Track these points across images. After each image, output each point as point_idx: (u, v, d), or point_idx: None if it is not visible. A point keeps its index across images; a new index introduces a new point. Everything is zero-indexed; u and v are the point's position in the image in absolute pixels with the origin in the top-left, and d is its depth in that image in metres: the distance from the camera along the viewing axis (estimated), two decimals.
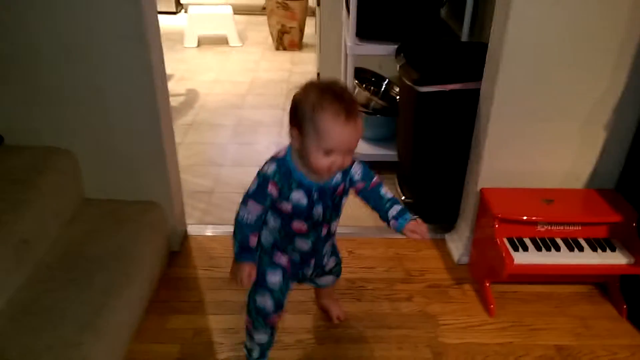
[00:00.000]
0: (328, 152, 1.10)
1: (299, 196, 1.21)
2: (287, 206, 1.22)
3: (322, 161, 1.11)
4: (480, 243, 1.78)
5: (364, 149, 2.49)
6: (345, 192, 1.30)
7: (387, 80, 2.64)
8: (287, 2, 4.33)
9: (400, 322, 1.64)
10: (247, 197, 1.23)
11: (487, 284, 1.71)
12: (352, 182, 1.29)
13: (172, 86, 3.47)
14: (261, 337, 1.37)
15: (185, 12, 4.62)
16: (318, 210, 1.24)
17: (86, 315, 1.34)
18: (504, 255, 1.56)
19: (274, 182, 1.19)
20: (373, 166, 1.37)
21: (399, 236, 2.03)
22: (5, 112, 1.67)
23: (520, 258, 1.57)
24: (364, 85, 2.51)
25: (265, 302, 1.31)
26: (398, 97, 2.34)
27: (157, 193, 1.83)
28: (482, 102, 1.72)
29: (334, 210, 1.29)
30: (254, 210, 1.22)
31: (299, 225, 1.26)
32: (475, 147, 1.79)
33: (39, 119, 1.68)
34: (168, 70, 1.88)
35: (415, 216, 1.30)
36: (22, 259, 1.43)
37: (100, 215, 1.74)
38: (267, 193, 1.20)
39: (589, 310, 1.71)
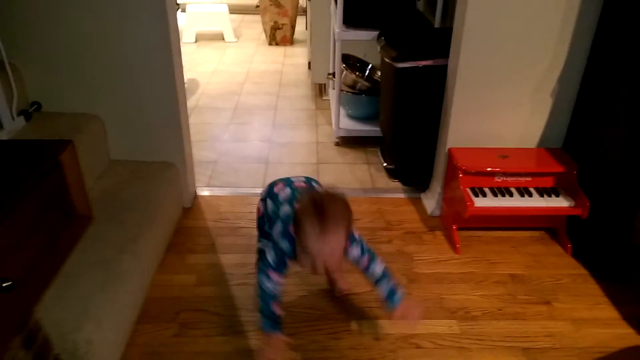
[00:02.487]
0: (309, 256, 1.23)
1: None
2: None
3: (305, 262, 1.27)
4: (449, 195, 2.10)
5: (351, 125, 2.81)
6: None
7: (370, 65, 2.96)
8: (279, 0, 4.65)
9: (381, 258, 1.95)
10: (268, 267, 1.35)
11: (454, 228, 2.03)
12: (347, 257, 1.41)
13: None
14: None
15: (183, 11, 4.92)
16: None
17: (124, 242, 1.64)
18: (466, 200, 1.88)
19: (289, 259, 1.35)
20: (359, 141, 1.64)
21: (382, 195, 2.39)
22: (42, 82, 1.96)
23: (480, 202, 1.89)
24: (350, 69, 2.83)
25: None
26: (380, 79, 2.66)
27: (173, 155, 2.13)
28: (449, 75, 2.05)
29: None
30: (277, 279, 1.35)
31: None
32: (444, 114, 2.11)
33: (71, 88, 1.98)
34: None
35: (403, 292, 1.45)
36: None
37: (126, 172, 2.04)
38: (286, 263, 1.35)
39: (540, 249, 2.03)
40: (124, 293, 1.53)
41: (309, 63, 3.43)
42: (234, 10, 5.34)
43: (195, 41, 4.80)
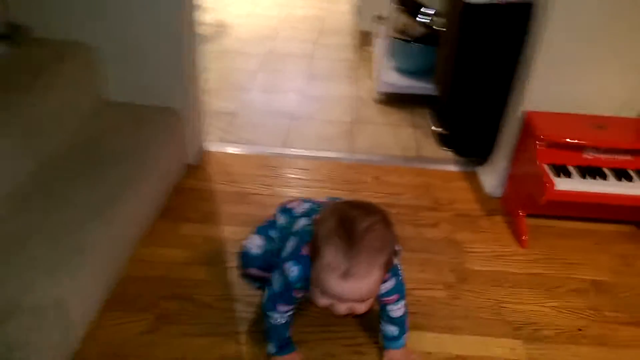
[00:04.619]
0: (325, 295, 0.92)
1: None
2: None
3: (320, 300, 0.93)
4: (518, 171, 1.64)
5: (398, 80, 2.35)
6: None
7: (432, 11, 2.45)
8: None
9: (424, 246, 1.53)
10: (274, 297, 1.06)
11: (521, 214, 1.58)
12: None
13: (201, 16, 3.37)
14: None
15: None
16: None
17: (98, 203, 1.28)
18: (544, 179, 1.42)
19: (297, 290, 1.02)
20: (405, 100, 1.22)
21: (429, 166, 1.94)
22: (35, 4, 1.59)
23: (563, 184, 1.43)
24: (405, 12, 2.34)
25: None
26: (441, 26, 2.16)
27: (175, 99, 1.74)
28: (536, 15, 1.55)
29: None
30: (285, 310, 1.08)
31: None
32: (522, 68, 1.63)
33: (65, 11, 1.59)
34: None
35: (407, 336, 1.16)
36: (31, 145, 1.37)
37: (119, 115, 1.67)
38: (294, 297, 1.04)
39: (631, 249, 1.57)
40: (86, 274, 1.16)
41: (355, 6, 2.96)
42: None
43: None
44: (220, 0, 3.77)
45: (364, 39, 3.03)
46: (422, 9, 2.43)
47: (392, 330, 1.14)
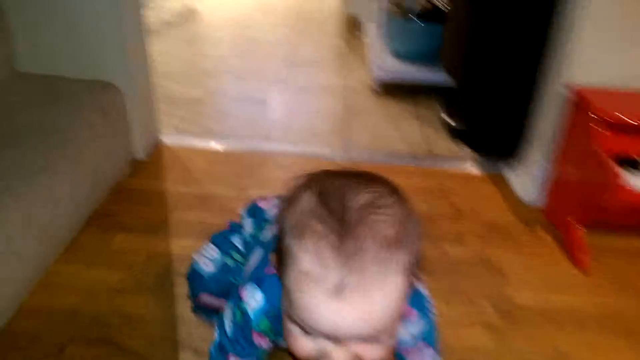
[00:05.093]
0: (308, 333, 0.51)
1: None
2: None
3: (300, 345, 0.52)
4: (568, 168, 1.25)
5: (398, 66, 1.96)
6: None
7: None
8: None
9: (449, 268, 1.13)
10: (225, 343, 0.65)
11: (578, 227, 1.19)
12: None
13: (168, 3, 2.97)
14: None
15: None
16: None
17: None
18: (611, 176, 1.03)
19: (261, 334, 0.63)
20: (407, 90, 0.84)
21: (443, 166, 1.55)
22: None
23: (638, 182, 1.05)
24: None
25: None
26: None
27: (113, 72, 1.31)
28: None
29: None
30: None
31: None
32: (562, 33, 1.26)
33: None
34: None
35: None
36: None
37: (32, 89, 1.23)
38: (254, 345, 0.64)
39: None
40: None
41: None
42: None
43: None
44: None
45: (352, 24, 2.65)
46: None
47: None
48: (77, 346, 0.86)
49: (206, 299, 0.82)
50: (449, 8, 1.75)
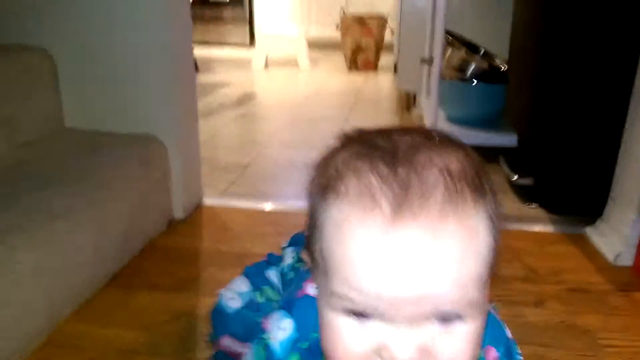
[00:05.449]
0: (350, 313, 0.37)
1: None
2: None
3: (347, 342, 0.37)
4: None
5: (455, 131, 1.84)
6: None
7: (482, 50, 2.00)
8: (363, 17, 3.91)
9: (528, 334, 0.92)
10: None
11: None
12: None
13: (229, 91, 3.09)
14: None
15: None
16: None
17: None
18: None
19: None
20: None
21: (512, 226, 1.36)
22: None
23: None
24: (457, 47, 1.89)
25: None
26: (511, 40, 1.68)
27: (162, 129, 1.27)
28: None
29: None
30: None
31: None
32: None
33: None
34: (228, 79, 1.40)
35: None
36: None
37: (76, 140, 1.21)
38: None
39: None
40: None
41: (395, 65, 2.57)
42: (314, 44, 4.59)
43: (266, 66, 4.10)
44: (253, 81, 3.51)
45: (407, 100, 2.60)
46: (479, 52, 1.99)
47: None
48: None
49: (227, 342, 0.66)
50: (510, 64, 1.65)
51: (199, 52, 4.32)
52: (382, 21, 3.96)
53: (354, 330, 0.36)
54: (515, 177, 1.49)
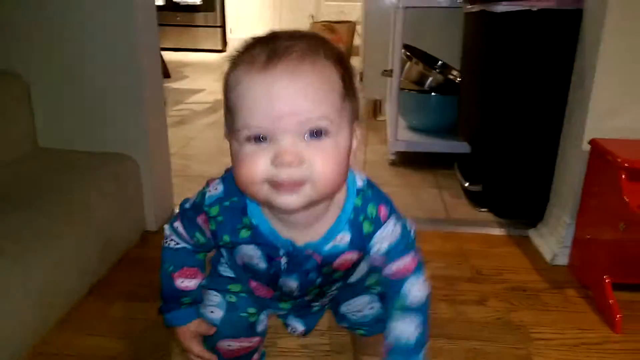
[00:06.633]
0: (250, 139, 0.53)
1: (250, 253, 0.67)
2: (238, 258, 0.71)
3: (251, 163, 0.54)
4: (593, 226, 1.17)
5: (414, 137, 1.96)
6: (355, 265, 0.73)
7: (440, 62, 2.13)
8: (333, 24, 4.02)
9: (470, 331, 1.03)
10: (180, 213, 0.73)
11: (608, 283, 1.08)
12: (368, 251, 0.68)
13: (202, 97, 3.16)
14: None
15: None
16: (289, 283, 0.70)
17: None
18: None
19: (206, 220, 0.67)
20: (424, 160, 0.85)
21: (463, 229, 1.48)
22: None
23: None
24: (416, 61, 2.01)
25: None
26: (461, 56, 1.80)
27: (132, 147, 1.35)
28: (586, 23, 1.20)
29: (326, 284, 0.73)
30: (182, 237, 0.73)
31: (261, 290, 0.75)
32: (577, 88, 1.24)
33: None
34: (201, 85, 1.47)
35: None
36: None
37: (51, 160, 1.28)
38: (197, 225, 0.69)
39: None
40: None
41: (360, 74, 2.68)
42: None
43: None
44: (221, 82, 3.57)
45: (374, 108, 2.71)
46: (436, 64, 2.11)
47: (404, 331, 0.65)
48: None
49: (224, 344, 0.76)
50: (461, 76, 1.77)
51: (172, 57, 4.40)
52: (351, 26, 4.07)
53: (254, 152, 0.53)
54: (467, 183, 1.61)
